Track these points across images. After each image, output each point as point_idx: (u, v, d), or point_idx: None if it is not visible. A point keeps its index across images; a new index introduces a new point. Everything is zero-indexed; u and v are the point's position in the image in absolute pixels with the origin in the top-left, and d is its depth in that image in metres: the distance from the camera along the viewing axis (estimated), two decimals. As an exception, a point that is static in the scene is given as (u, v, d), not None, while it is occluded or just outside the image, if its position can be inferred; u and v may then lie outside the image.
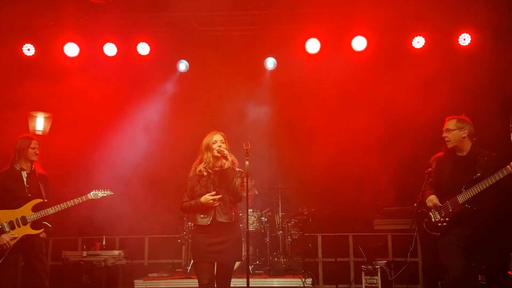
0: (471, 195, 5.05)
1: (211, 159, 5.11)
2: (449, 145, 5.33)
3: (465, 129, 5.25)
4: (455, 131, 5.28)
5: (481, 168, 5.04)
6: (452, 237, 5.18)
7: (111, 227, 9.06)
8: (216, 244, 5.01)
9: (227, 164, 5.05)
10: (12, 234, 5.63)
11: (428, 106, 8.12)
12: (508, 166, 4.81)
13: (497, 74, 7.90)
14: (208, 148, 5.13)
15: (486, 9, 7.72)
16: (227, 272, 5.08)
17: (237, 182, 5.08)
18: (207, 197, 4.98)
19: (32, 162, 5.95)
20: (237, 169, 5.25)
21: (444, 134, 5.35)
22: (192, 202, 5.08)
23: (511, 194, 5.00)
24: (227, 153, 5.06)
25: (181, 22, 8.59)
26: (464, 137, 5.26)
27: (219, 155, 5.08)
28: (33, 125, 8.61)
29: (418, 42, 8.31)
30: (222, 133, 5.23)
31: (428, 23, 8.21)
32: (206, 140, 5.16)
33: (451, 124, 5.32)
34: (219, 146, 5.10)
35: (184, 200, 5.20)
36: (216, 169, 5.16)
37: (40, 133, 8.58)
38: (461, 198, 5.13)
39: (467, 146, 5.28)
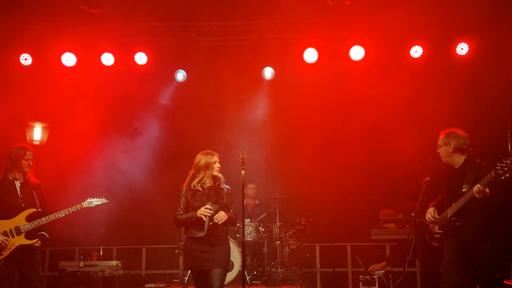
0: (456, 209, 5.09)
1: (208, 177, 5.33)
2: (442, 160, 5.41)
3: (450, 144, 5.26)
4: (442, 147, 5.33)
5: (470, 182, 5.00)
6: (449, 246, 5.22)
7: (108, 237, 9.03)
8: (206, 252, 5.21)
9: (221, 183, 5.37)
10: (7, 239, 5.59)
11: (427, 115, 8.12)
12: (474, 187, 4.81)
13: (495, 83, 7.90)
14: (208, 167, 5.34)
15: (483, 18, 7.73)
16: (217, 279, 5.16)
17: (233, 218, 5.41)
18: (201, 211, 5.17)
19: (25, 172, 5.91)
20: (226, 186, 5.49)
21: (437, 150, 5.43)
22: (189, 214, 5.23)
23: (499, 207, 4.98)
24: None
25: (179, 31, 8.61)
26: (451, 152, 5.27)
27: (219, 175, 5.40)
28: (30, 135, 8.59)
29: (416, 51, 8.31)
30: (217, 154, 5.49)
31: (426, 32, 8.21)
32: (205, 159, 5.36)
33: (440, 140, 5.38)
34: (218, 167, 5.38)
35: (178, 213, 5.32)
36: (209, 185, 5.35)
37: (37, 143, 8.55)
38: (449, 212, 5.18)
39: (459, 159, 5.27)
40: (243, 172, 5.49)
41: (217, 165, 5.35)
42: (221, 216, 5.19)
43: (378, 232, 7.78)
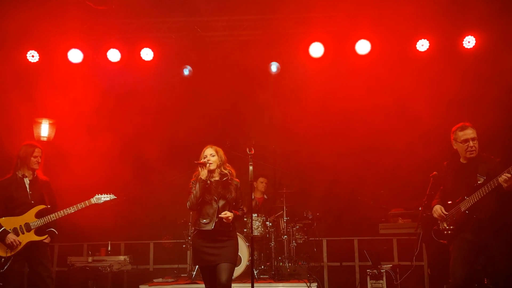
0: (471, 202, 5.02)
1: (200, 171, 5.34)
2: (474, 155, 5.15)
3: None
4: (476, 140, 5.12)
5: (483, 174, 4.98)
6: (458, 242, 5.17)
7: (116, 233, 9.07)
8: (213, 248, 5.27)
9: (202, 173, 5.27)
10: (17, 239, 5.64)
11: (433, 109, 8.09)
12: (499, 177, 4.73)
13: (503, 76, 7.84)
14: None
15: (490, 11, 7.68)
16: (224, 273, 5.19)
17: (240, 215, 5.48)
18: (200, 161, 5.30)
19: (34, 169, 5.95)
20: (235, 180, 5.49)
21: (473, 143, 5.12)
22: (195, 191, 5.25)
23: None
24: (213, 164, 5.34)
25: (185, 27, 8.62)
26: None
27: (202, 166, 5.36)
28: (38, 131, 8.63)
29: (423, 45, 8.27)
30: (215, 147, 5.47)
31: (432, 25, 8.17)
32: (201, 154, 5.43)
33: (475, 132, 5.12)
34: (208, 160, 5.34)
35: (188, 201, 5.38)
36: (216, 179, 5.40)
37: (45, 139, 8.60)
38: (463, 206, 5.11)
39: None
40: (251, 167, 5.48)
41: (207, 158, 5.32)
42: (227, 215, 5.22)
43: (385, 226, 7.78)
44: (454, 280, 5.07)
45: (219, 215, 5.23)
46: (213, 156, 5.37)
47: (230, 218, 5.23)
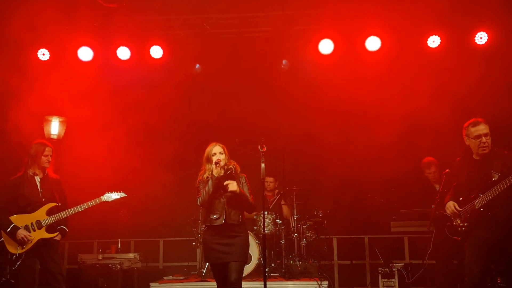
0: (486, 200, 4.95)
1: (212, 169, 5.36)
2: (487, 151, 5.08)
3: None
4: (489, 136, 5.05)
5: (498, 171, 4.91)
6: (473, 239, 5.11)
7: (126, 230, 9.09)
8: (223, 245, 5.29)
9: (215, 171, 5.30)
10: (29, 234, 5.67)
11: (444, 106, 8.02)
12: None
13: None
14: (208, 159, 5.45)
15: (503, 6, 7.59)
16: (234, 271, 5.20)
17: (248, 196, 5.40)
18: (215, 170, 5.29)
19: (44, 168, 5.97)
20: (241, 175, 5.52)
21: (486, 139, 5.05)
22: (207, 187, 5.29)
23: None
24: (222, 162, 5.37)
25: (194, 24, 8.61)
26: None
27: (230, 165, 5.45)
28: (48, 129, 8.65)
29: (434, 41, 8.20)
30: (221, 144, 5.53)
31: (443, 21, 8.09)
32: (206, 152, 5.49)
33: (488, 128, 5.04)
34: (219, 159, 5.38)
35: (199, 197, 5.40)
36: (221, 174, 5.38)
37: (55, 137, 8.62)
38: (477, 203, 5.03)
39: None
40: (263, 165, 5.49)
41: (217, 156, 5.36)
42: (229, 182, 5.20)
43: (397, 224, 7.72)
44: (470, 278, 5.01)
45: (224, 183, 5.22)
46: (222, 154, 5.42)
47: (234, 186, 5.20)
